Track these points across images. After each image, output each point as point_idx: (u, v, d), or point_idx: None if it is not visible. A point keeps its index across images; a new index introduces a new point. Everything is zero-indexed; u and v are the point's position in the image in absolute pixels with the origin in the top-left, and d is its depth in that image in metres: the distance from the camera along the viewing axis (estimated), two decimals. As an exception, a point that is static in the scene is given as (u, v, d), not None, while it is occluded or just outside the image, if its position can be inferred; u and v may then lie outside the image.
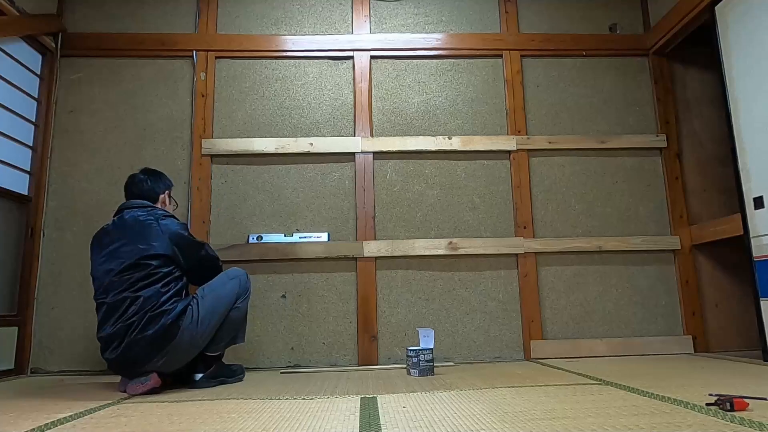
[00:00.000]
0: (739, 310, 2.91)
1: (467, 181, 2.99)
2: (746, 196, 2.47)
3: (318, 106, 3.04)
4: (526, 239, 2.91)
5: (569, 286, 2.91)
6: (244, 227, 2.87)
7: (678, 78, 3.22)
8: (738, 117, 2.54)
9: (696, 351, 2.82)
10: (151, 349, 1.89)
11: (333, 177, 2.94)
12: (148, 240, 2.00)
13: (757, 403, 1.37)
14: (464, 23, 3.19)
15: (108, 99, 2.98)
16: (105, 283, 1.97)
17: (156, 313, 1.90)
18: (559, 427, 1.21)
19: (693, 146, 3.13)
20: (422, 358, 2.21)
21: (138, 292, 1.92)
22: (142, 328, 1.88)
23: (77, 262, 2.78)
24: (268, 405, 1.61)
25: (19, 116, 2.72)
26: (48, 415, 1.52)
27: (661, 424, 1.20)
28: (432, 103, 3.08)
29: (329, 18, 3.15)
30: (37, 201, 2.78)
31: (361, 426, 1.29)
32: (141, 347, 1.88)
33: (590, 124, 3.11)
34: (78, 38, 3.00)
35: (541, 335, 2.82)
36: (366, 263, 2.83)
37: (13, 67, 2.69)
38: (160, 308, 1.91)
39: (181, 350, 1.94)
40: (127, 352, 1.88)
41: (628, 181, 3.05)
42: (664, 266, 2.96)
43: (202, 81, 3.00)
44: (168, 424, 1.37)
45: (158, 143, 2.95)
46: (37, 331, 2.70)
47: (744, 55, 2.50)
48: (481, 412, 1.40)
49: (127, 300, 1.91)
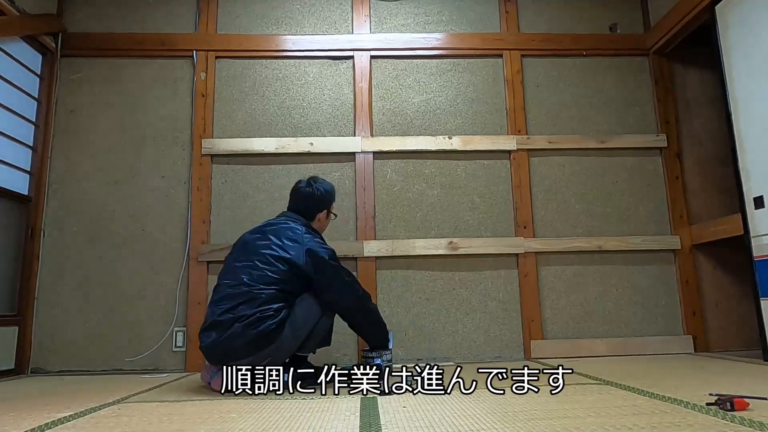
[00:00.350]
0: (740, 309, 2.91)
1: (467, 180, 2.99)
2: (746, 195, 2.47)
3: (318, 106, 3.04)
4: (526, 239, 2.91)
5: (569, 285, 2.90)
6: (244, 227, 2.85)
7: (678, 78, 3.22)
8: (738, 117, 2.53)
9: (696, 351, 2.82)
10: (249, 347, 1.88)
11: (333, 177, 2.94)
12: (287, 246, 2.03)
13: (758, 403, 1.37)
14: (464, 23, 3.19)
15: (108, 99, 2.98)
16: (230, 266, 2.06)
17: (265, 315, 1.90)
18: (559, 427, 1.21)
19: (693, 146, 3.13)
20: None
21: (258, 291, 1.94)
22: (249, 325, 1.88)
23: (77, 262, 2.79)
24: (269, 404, 1.60)
25: (20, 116, 2.72)
26: (48, 415, 1.52)
27: (661, 424, 1.20)
28: (432, 103, 3.07)
29: (329, 18, 3.15)
30: (37, 201, 2.78)
31: (362, 426, 1.29)
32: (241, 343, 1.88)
33: (590, 124, 3.11)
34: (78, 38, 3.00)
35: (541, 335, 2.81)
36: (366, 263, 2.82)
37: (14, 67, 2.69)
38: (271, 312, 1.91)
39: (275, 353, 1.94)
40: (227, 343, 1.88)
41: (628, 180, 3.05)
42: (664, 266, 2.96)
43: (202, 81, 3.00)
44: (168, 424, 1.37)
45: (158, 143, 2.95)
46: (38, 331, 2.70)
47: (744, 54, 2.49)
48: (481, 412, 1.40)
49: (245, 293, 1.93)
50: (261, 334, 1.88)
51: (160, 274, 2.80)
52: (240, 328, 1.88)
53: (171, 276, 2.80)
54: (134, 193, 2.88)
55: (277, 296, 1.96)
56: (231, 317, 1.90)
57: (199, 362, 2.66)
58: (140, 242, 2.83)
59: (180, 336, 2.73)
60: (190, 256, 2.80)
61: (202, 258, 2.79)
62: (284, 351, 1.97)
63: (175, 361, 2.72)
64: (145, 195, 2.88)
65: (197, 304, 2.74)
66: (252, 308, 1.91)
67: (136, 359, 2.70)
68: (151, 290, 2.78)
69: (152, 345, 2.71)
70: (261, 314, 1.90)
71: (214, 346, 1.92)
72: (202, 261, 2.79)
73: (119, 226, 2.84)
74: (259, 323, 1.88)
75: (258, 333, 1.87)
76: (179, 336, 2.74)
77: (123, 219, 2.85)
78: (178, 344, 2.73)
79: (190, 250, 2.81)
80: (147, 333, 2.73)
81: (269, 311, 1.91)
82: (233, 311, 1.91)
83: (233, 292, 1.96)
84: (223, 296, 1.98)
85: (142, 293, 2.78)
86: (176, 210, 2.88)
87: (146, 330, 2.74)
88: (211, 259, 2.79)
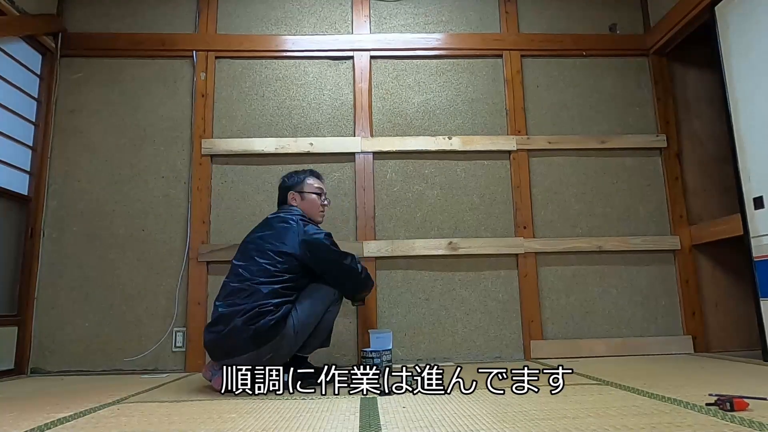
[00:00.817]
0: (739, 310, 2.91)
1: (467, 181, 2.99)
2: (746, 196, 2.47)
3: (318, 106, 3.04)
4: (526, 239, 2.91)
5: (569, 286, 2.90)
6: (244, 227, 2.86)
7: (678, 78, 3.22)
8: (738, 117, 2.53)
9: (696, 351, 2.82)
10: (249, 343, 1.89)
11: (333, 177, 2.94)
12: (282, 237, 2.06)
13: (757, 403, 1.37)
14: (464, 23, 3.19)
15: (108, 99, 2.98)
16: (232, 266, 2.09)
17: (265, 310, 1.91)
18: (560, 427, 1.21)
19: (693, 146, 3.13)
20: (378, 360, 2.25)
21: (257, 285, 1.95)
22: (248, 319, 1.89)
23: (77, 262, 2.79)
24: (268, 405, 1.60)
25: (19, 116, 2.72)
26: (48, 415, 1.52)
27: (661, 424, 1.20)
28: (432, 103, 3.07)
29: (329, 18, 3.15)
30: (37, 201, 2.78)
31: (361, 426, 1.29)
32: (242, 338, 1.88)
33: (590, 124, 3.11)
34: (78, 38, 3.01)
35: (541, 335, 2.81)
36: (366, 263, 2.81)
37: (13, 67, 2.69)
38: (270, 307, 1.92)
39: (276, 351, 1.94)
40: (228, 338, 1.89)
41: (628, 181, 3.05)
42: (664, 266, 2.96)
43: (202, 81, 3.00)
44: (168, 424, 1.37)
45: (158, 143, 2.95)
46: (37, 331, 2.70)
47: (744, 55, 2.49)
48: (481, 412, 1.40)
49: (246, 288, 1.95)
50: (260, 329, 1.88)
51: (160, 274, 2.80)
52: (240, 322, 1.88)
53: (171, 276, 2.80)
54: (134, 193, 2.88)
55: (278, 292, 1.96)
56: (231, 311, 1.92)
57: (199, 362, 2.67)
58: (140, 242, 2.83)
59: (180, 336, 2.73)
60: (190, 256, 2.80)
61: (202, 258, 2.79)
62: (285, 349, 1.97)
63: (174, 361, 2.72)
64: (145, 195, 2.88)
65: (197, 304, 2.74)
66: (251, 302, 1.92)
67: (135, 359, 2.70)
68: (151, 290, 2.78)
69: (152, 345, 2.71)
70: (260, 309, 1.90)
71: (216, 341, 1.93)
72: (201, 261, 2.79)
73: (119, 226, 2.84)
74: (258, 318, 1.89)
75: (257, 328, 1.88)
76: (179, 336, 2.73)
77: (123, 219, 2.85)
78: (177, 344, 2.73)
79: (190, 250, 2.81)
80: (147, 333, 2.73)
81: (268, 306, 1.92)
82: (233, 306, 1.93)
83: (235, 287, 1.99)
84: (226, 293, 2.01)
85: (142, 293, 2.78)
86: (176, 210, 2.88)
87: (146, 330, 2.74)
88: (211, 259, 2.79)
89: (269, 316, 1.90)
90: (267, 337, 1.90)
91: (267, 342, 1.90)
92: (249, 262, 2.03)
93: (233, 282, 2.02)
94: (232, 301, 1.95)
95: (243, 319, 1.89)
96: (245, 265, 2.03)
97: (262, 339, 1.90)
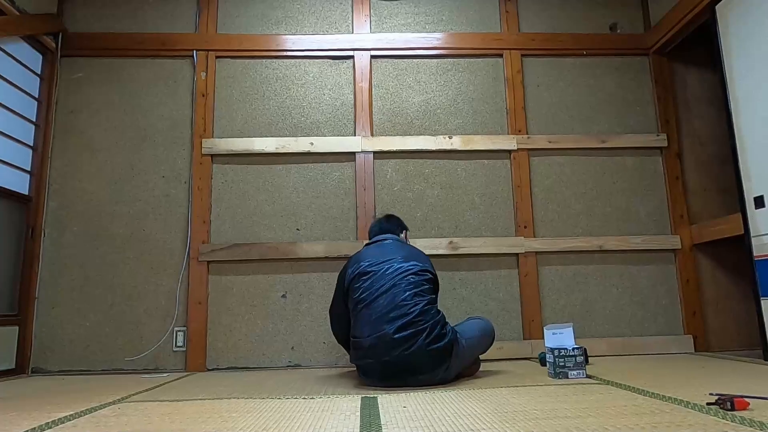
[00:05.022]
0: (740, 309, 2.91)
1: (468, 180, 2.99)
2: (746, 195, 2.47)
3: (318, 106, 3.04)
4: (527, 239, 2.91)
5: (569, 285, 2.90)
6: (245, 227, 2.87)
7: (678, 78, 3.22)
8: (738, 116, 2.53)
9: (696, 350, 2.82)
10: (430, 362, 1.86)
11: (333, 176, 2.94)
12: (419, 257, 2.09)
13: (758, 403, 1.37)
14: (464, 23, 3.19)
15: (108, 99, 2.98)
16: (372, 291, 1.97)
17: (443, 331, 1.89)
18: (560, 427, 1.21)
19: (693, 146, 3.13)
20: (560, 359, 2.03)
21: (421, 305, 1.91)
22: (434, 339, 1.86)
23: (77, 262, 2.79)
24: (269, 404, 1.60)
25: (20, 116, 2.72)
26: (48, 414, 1.52)
27: (661, 424, 1.20)
28: (432, 103, 3.07)
29: (329, 18, 3.15)
30: (37, 201, 2.78)
31: (362, 425, 1.28)
32: (425, 358, 1.85)
33: (590, 123, 3.11)
34: (78, 38, 3.01)
35: (541, 335, 2.81)
36: (366, 263, 2.82)
37: (14, 67, 2.69)
38: (444, 328, 1.91)
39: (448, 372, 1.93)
40: (410, 359, 1.84)
41: (629, 180, 3.05)
42: (665, 266, 2.96)
43: (202, 81, 3.00)
44: (168, 424, 1.37)
45: (158, 143, 2.95)
46: (38, 330, 2.70)
47: (744, 54, 2.49)
48: (481, 412, 1.40)
49: (414, 306, 1.90)
50: (440, 349, 1.86)
51: (160, 274, 2.80)
52: (422, 342, 1.84)
53: (171, 276, 2.80)
54: (135, 193, 2.88)
55: (432, 309, 1.95)
56: (412, 332, 1.85)
57: (199, 362, 2.67)
58: (140, 242, 2.83)
59: (180, 336, 2.73)
60: (191, 256, 2.80)
61: (203, 258, 2.79)
62: (454, 371, 1.95)
63: (175, 361, 2.72)
64: (146, 195, 2.88)
65: (197, 304, 2.74)
66: (433, 322, 1.89)
67: (136, 359, 2.70)
68: (151, 290, 2.78)
69: (152, 345, 2.71)
70: (440, 330, 1.88)
71: (395, 364, 1.85)
72: (202, 261, 2.79)
73: (119, 226, 2.84)
74: (439, 339, 1.86)
75: (440, 348, 1.86)
76: (179, 336, 2.74)
77: (123, 219, 2.85)
78: (178, 344, 2.73)
79: (191, 250, 2.81)
80: (147, 333, 2.73)
81: (440, 323, 1.91)
82: (409, 327, 1.86)
83: (399, 312, 1.89)
84: (386, 318, 1.89)
85: (142, 293, 2.78)
86: (176, 210, 2.88)
87: (146, 330, 2.74)
88: (212, 259, 2.79)
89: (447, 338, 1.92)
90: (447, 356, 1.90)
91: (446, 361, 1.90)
92: (396, 285, 1.97)
93: (387, 305, 1.93)
94: (402, 323, 1.88)
95: (425, 341, 1.87)
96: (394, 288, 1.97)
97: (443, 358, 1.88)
